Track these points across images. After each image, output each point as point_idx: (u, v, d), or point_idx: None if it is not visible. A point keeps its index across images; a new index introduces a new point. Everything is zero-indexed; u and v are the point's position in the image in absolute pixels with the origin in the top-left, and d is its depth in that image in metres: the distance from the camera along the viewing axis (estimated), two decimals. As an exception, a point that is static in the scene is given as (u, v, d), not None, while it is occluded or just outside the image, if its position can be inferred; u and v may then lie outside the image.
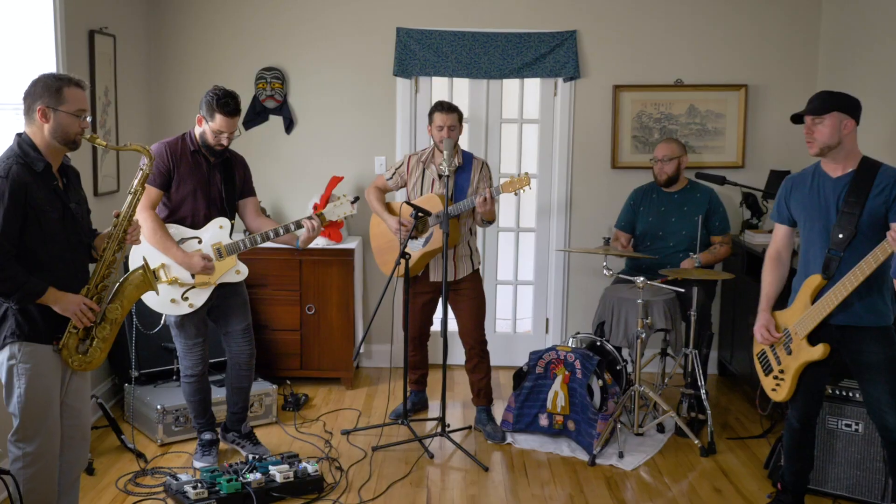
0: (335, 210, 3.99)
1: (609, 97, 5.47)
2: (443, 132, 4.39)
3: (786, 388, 3.44)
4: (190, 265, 3.78)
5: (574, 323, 5.65)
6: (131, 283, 3.15)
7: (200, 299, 3.85)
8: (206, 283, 3.84)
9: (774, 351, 3.50)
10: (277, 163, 5.54)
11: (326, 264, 5.13)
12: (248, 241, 3.87)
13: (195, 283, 3.82)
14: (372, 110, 5.50)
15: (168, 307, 3.83)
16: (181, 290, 3.82)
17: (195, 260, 3.77)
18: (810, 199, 3.39)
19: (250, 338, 4.05)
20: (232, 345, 4.03)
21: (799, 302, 3.41)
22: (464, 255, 4.54)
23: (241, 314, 4.01)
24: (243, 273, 3.92)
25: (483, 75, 5.41)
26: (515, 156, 5.63)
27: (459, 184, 4.47)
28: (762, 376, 3.58)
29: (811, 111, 3.33)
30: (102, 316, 3.06)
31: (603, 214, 5.49)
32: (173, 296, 3.81)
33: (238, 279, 3.92)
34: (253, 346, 4.07)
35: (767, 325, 3.49)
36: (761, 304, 3.57)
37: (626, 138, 5.51)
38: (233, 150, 4.02)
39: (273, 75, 5.40)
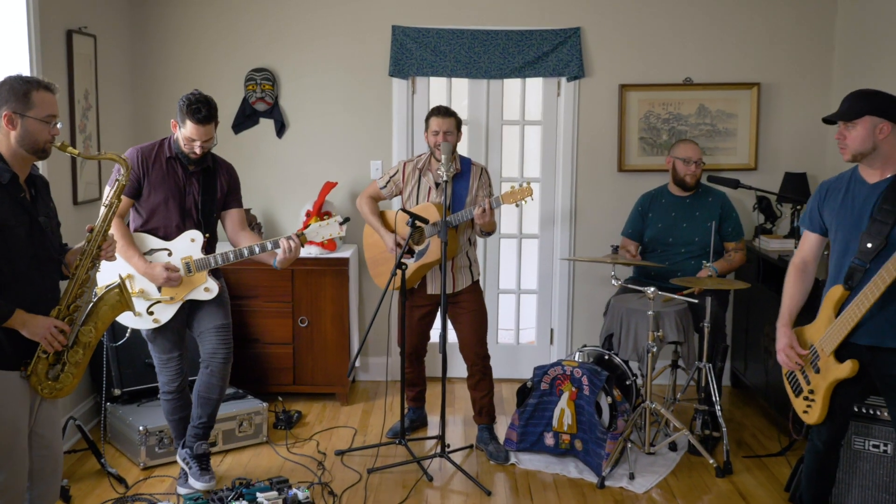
0: (319, 231, 3.72)
1: (615, 97, 5.23)
2: (438, 137, 4.15)
3: (818, 410, 3.18)
4: (152, 276, 3.54)
5: (580, 333, 5.41)
6: (106, 304, 2.91)
7: (166, 315, 3.61)
8: (174, 298, 3.60)
9: (803, 370, 3.25)
10: (268, 168, 5.30)
11: (320, 274, 4.89)
12: (221, 257, 3.62)
13: (161, 298, 3.58)
14: (367, 112, 5.26)
15: (132, 320, 3.59)
16: (146, 303, 3.58)
17: (157, 271, 3.53)
18: (844, 206, 3.13)
19: (227, 339, 3.70)
20: (205, 344, 3.70)
21: (823, 315, 3.16)
22: (462, 266, 4.30)
23: (217, 312, 3.69)
24: (213, 291, 3.64)
25: (483, 75, 5.17)
26: (517, 159, 5.39)
27: (457, 192, 4.23)
28: (792, 398, 3.33)
29: (842, 115, 3.07)
30: (75, 339, 2.81)
31: (609, 220, 5.25)
32: (138, 308, 3.57)
33: (207, 297, 3.65)
34: (230, 350, 3.72)
35: (791, 343, 3.23)
36: (781, 318, 3.30)
37: (633, 140, 5.27)
38: (219, 157, 3.78)
39: (263, 76, 5.17)
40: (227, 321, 3.72)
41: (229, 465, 4.16)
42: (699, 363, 4.26)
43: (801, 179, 4.99)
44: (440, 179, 3.97)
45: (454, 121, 4.20)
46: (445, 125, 4.16)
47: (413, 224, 4.02)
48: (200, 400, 3.73)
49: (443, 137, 4.14)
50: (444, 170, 3.99)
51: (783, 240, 4.88)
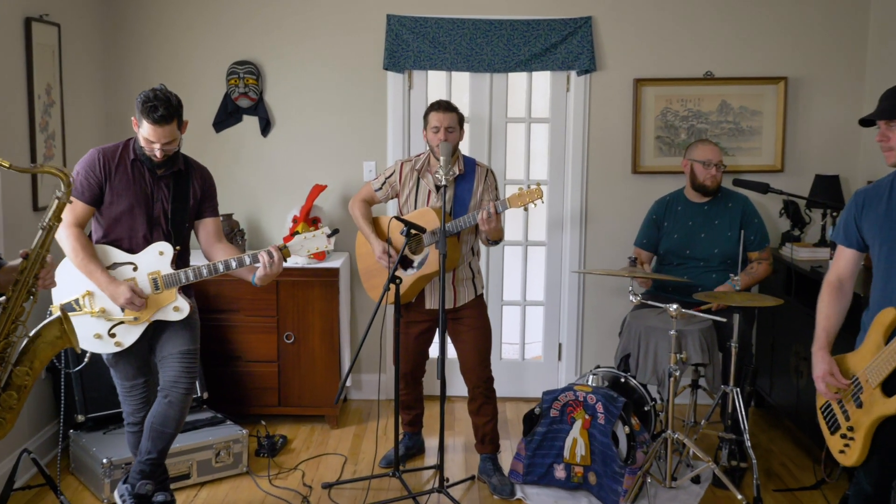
0: (304, 244, 3.30)
1: (629, 92, 4.80)
2: (439, 135, 3.74)
3: (857, 450, 2.77)
4: (114, 294, 3.12)
5: (590, 349, 4.99)
6: (45, 341, 2.53)
7: (130, 337, 3.20)
8: (139, 318, 3.18)
9: (842, 404, 2.84)
10: (252, 170, 4.88)
11: (307, 286, 4.47)
12: (193, 273, 3.20)
13: (124, 319, 3.17)
14: (360, 109, 4.84)
15: (91, 343, 3.18)
16: (108, 324, 3.17)
17: (121, 290, 3.11)
18: (889, 217, 2.74)
19: (191, 367, 3.27)
20: (167, 370, 3.26)
21: (870, 342, 2.75)
22: (465, 278, 3.89)
23: (184, 335, 3.28)
24: (183, 311, 3.23)
25: (486, 68, 4.75)
26: (523, 160, 4.97)
27: (460, 195, 3.82)
28: (827, 435, 2.92)
29: (884, 114, 2.67)
30: (7, 381, 2.40)
31: (623, 226, 4.83)
32: (98, 330, 3.16)
33: (177, 317, 3.23)
34: (193, 380, 3.29)
35: (830, 369, 2.83)
36: (818, 341, 2.90)
37: (649, 139, 4.85)
38: (193, 160, 3.37)
39: (246, 70, 4.75)
40: (193, 346, 3.30)
41: (205, 499, 3.75)
42: (725, 387, 3.84)
43: (832, 182, 4.57)
44: (439, 183, 3.55)
45: (456, 116, 3.78)
46: (447, 121, 3.74)
47: (408, 233, 3.60)
48: (153, 433, 3.27)
49: (444, 135, 3.73)
50: (442, 173, 3.57)
51: (814, 248, 4.46)
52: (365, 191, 4.01)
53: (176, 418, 3.25)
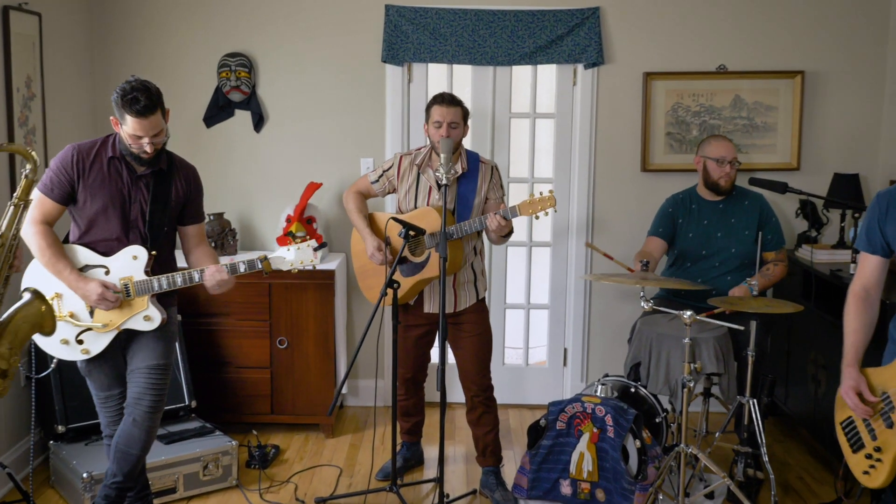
0: (287, 257, 3.09)
1: (639, 87, 4.59)
2: (441, 130, 3.53)
3: (884, 473, 2.58)
4: (85, 292, 2.91)
5: (596, 354, 4.79)
6: (26, 320, 2.36)
7: (98, 345, 2.99)
8: (107, 325, 2.98)
9: (868, 422, 2.64)
10: (244, 167, 4.68)
11: (301, 288, 4.27)
12: (167, 281, 3.00)
13: (92, 325, 2.97)
14: (357, 104, 4.63)
15: (58, 348, 2.98)
16: (75, 329, 2.97)
17: (91, 286, 2.90)
18: None
19: (159, 383, 3.03)
20: (133, 386, 3.03)
21: (903, 356, 2.56)
22: (466, 280, 3.68)
23: (156, 348, 3.05)
24: (154, 321, 3.01)
25: (488, 61, 4.53)
26: (527, 157, 4.76)
27: (463, 194, 3.61)
28: (848, 453, 2.72)
29: None
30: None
31: (632, 226, 4.63)
32: (65, 335, 2.96)
33: (147, 327, 3.02)
34: (160, 397, 3.03)
35: (857, 385, 2.65)
36: (846, 357, 2.73)
37: (659, 136, 4.63)
38: (178, 157, 3.15)
39: (238, 62, 4.54)
40: (164, 361, 3.07)
41: (191, 515, 3.56)
42: (741, 398, 3.63)
43: (852, 181, 4.36)
44: (440, 182, 3.35)
45: (461, 111, 3.57)
46: (450, 115, 3.53)
47: (406, 235, 3.39)
48: (118, 454, 3.04)
49: (446, 131, 3.52)
50: (442, 171, 3.36)
51: (832, 250, 4.26)
52: (361, 183, 3.80)
53: (142, 439, 3.02)
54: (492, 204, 3.65)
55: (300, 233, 4.33)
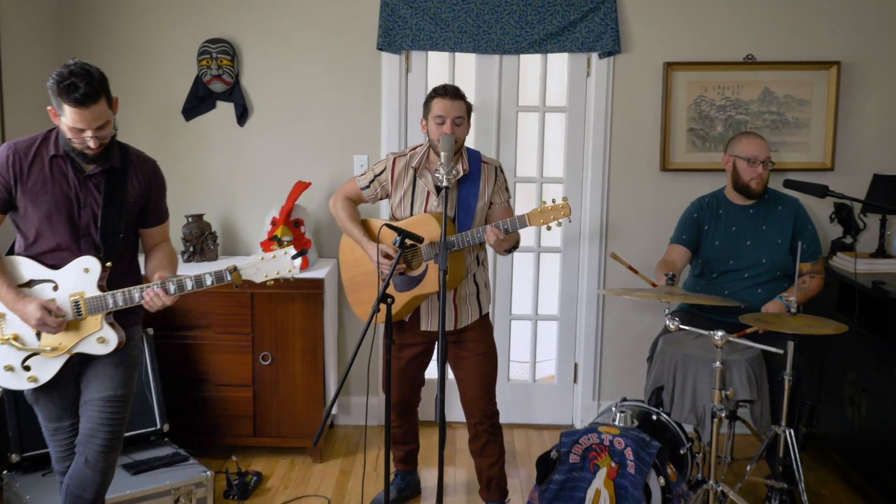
0: (262, 267, 2.69)
1: (659, 78, 4.19)
2: (444, 127, 3.13)
3: None
4: (23, 314, 2.53)
5: (610, 370, 4.40)
6: None
7: (47, 372, 2.61)
8: (57, 349, 2.59)
9: None
10: (227, 163, 4.28)
11: (287, 299, 3.88)
12: (123, 297, 2.60)
13: (40, 349, 2.58)
14: (350, 95, 4.23)
15: (2, 376, 2.60)
16: (21, 354, 2.59)
17: (30, 308, 2.51)
18: None
19: (115, 417, 2.65)
20: (85, 420, 2.66)
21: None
22: (468, 294, 3.29)
23: (112, 376, 2.67)
24: (109, 344, 2.62)
25: (494, 49, 4.13)
26: (536, 155, 4.36)
27: (464, 199, 3.21)
28: None
29: None
30: None
31: (649, 230, 4.24)
32: (10, 361, 2.58)
33: (102, 351, 2.63)
34: (114, 435, 2.65)
35: None
36: None
37: (681, 132, 4.23)
38: (136, 151, 2.74)
39: (220, 49, 4.13)
40: (123, 392, 2.67)
41: (159, 555, 3.17)
42: (776, 427, 3.24)
43: (893, 183, 3.96)
44: (440, 184, 2.95)
45: (465, 106, 3.18)
46: (454, 110, 3.13)
47: (402, 244, 2.99)
48: (69, 497, 2.66)
49: (450, 127, 3.12)
50: (443, 172, 2.96)
51: (872, 259, 3.87)
52: (349, 187, 3.40)
53: (96, 482, 2.64)
54: (497, 209, 3.25)
55: (286, 237, 3.94)
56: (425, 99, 3.23)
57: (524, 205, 4.40)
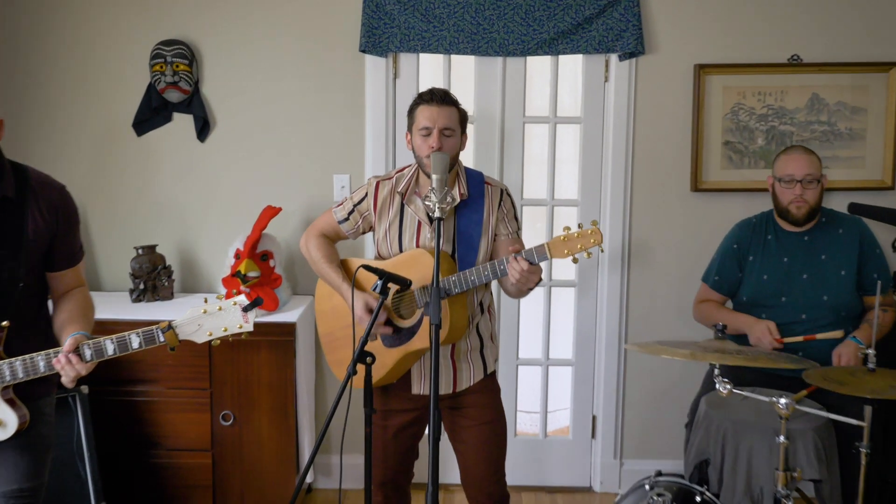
0: (205, 323, 2.11)
1: (689, 83, 3.59)
2: (431, 140, 2.52)
3: None
4: None
5: (636, 423, 3.77)
6: None
7: None
8: None
9: None
10: (185, 185, 3.67)
11: (252, 348, 3.26)
12: (23, 368, 2.01)
13: None
14: (329, 105, 3.63)
15: None
16: None
17: None
18: None
19: None
20: None
21: None
22: (470, 349, 2.67)
23: (16, 465, 2.11)
24: (9, 426, 2.04)
25: (497, 51, 3.53)
26: (545, 173, 3.75)
27: (464, 229, 2.60)
28: None
29: None
30: None
31: (679, 261, 3.65)
32: None
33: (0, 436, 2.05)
34: None
35: None
36: None
37: (715, 146, 3.63)
38: (36, 175, 2.14)
39: (175, 52, 3.53)
40: (31, 484, 2.10)
41: None
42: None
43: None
44: (432, 213, 2.34)
45: (456, 113, 2.57)
46: (442, 118, 2.53)
47: (384, 289, 2.38)
48: None
49: (437, 140, 2.51)
50: (434, 199, 2.35)
51: (945, 296, 3.25)
52: (324, 221, 2.79)
53: None
54: (503, 242, 2.64)
55: (252, 272, 3.32)
56: (409, 107, 2.62)
57: (533, 232, 3.79)
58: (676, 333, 3.66)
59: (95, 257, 3.70)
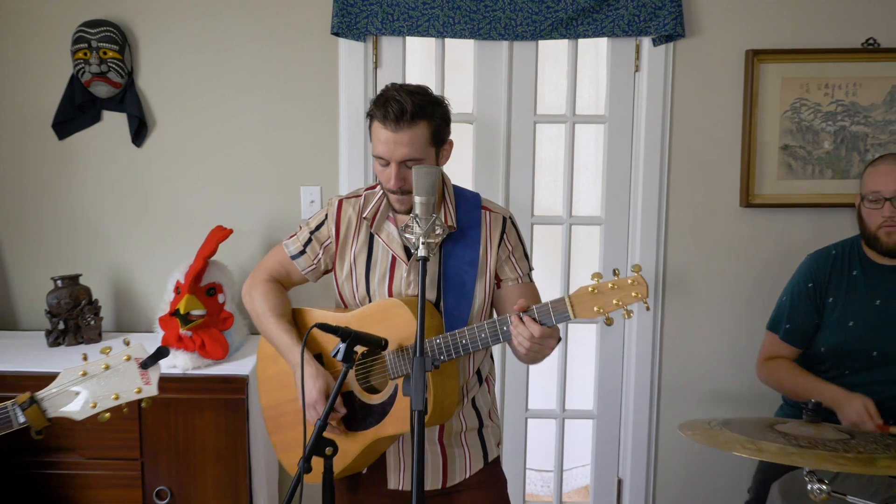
0: (85, 391, 1.62)
1: (739, 73, 2.92)
2: (391, 170, 1.84)
3: None
4: None
5: (670, 490, 3.10)
6: None
7: None
8: None
9: None
10: (117, 200, 2.99)
11: (192, 407, 2.58)
12: None
13: None
14: (294, 101, 2.95)
15: None
16: None
17: None
18: None
19: None
20: None
21: None
22: (464, 429, 2.00)
23: None
24: None
25: (501, 34, 2.85)
26: (560, 185, 3.06)
27: (453, 272, 1.92)
28: None
29: None
30: None
31: (728, 296, 2.98)
32: None
33: None
34: None
35: None
36: None
37: (771, 150, 2.95)
38: None
39: (103, 35, 2.84)
40: None
41: None
42: None
43: None
44: (414, 250, 1.67)
45: (424, 131, 1.84)
46: (401, 148, 1.83)
47: (347, 353, 1.72)
48: None
49: (396, 177, 1.85)
50: (418, 230, 1.68)
51: None
52: (274, 260, 2.11)
53: None
54: (510, 290, 1.96)
55: (195, 310, 2.65)
56: (367, 111, 1.92)
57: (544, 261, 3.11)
58: (726, 384, 3.00)
59: (9, 289, 3.02)
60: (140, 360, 1.66)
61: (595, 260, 3.04)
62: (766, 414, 2.92)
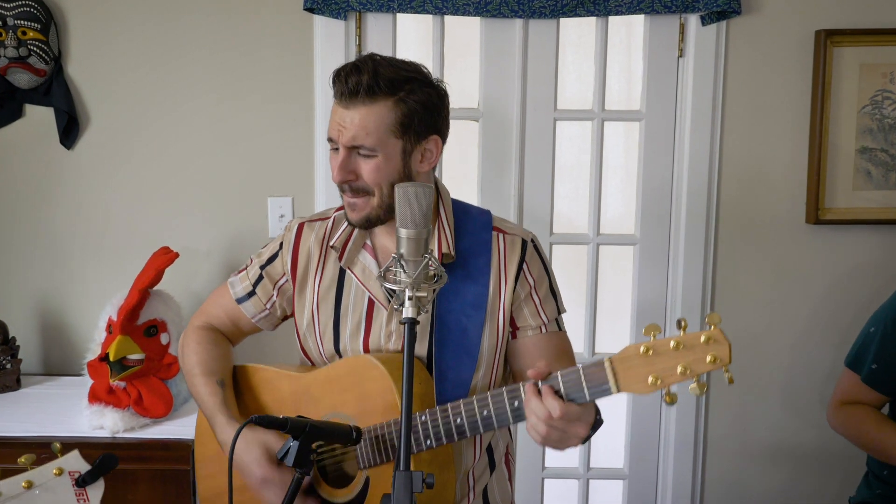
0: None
1: (807, 58, 2.40)
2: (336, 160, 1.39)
3: None
4: None
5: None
6: None
7: None
8: None
9: None
10: (44, 213, 2.46)
11: (123, 480, 2.05)
12: None
13: None
14: (260, 91, 2.43)
15: None
16: None
17: None
18: None
19: None
20: None
21: None
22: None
23: None
24: None
25: (514, 10, 2.32)
26: (586, 195, 2.53)
27: (450, 317, 1.40)
28: None
29: None
30: None
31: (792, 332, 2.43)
32: None
33: None
34: None
35: None
36: None
37: (846, 154, 2.42)
38: None
39: (20, 11, 2.32)
40: None
41: None
42: None
43: None
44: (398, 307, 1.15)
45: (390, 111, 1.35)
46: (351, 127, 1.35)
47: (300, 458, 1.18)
48: None
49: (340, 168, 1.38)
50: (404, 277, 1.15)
51: None
52: (215, 303, 1.62)
53: None
54: (529, 342, 1.44)
55: (132, 355, 2.12)
56: None
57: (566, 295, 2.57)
58: (788, 438, 2.46)
59: (-88, 321, 2.49)
60: (76, 474, 1.19)
61: (627, 289, 2.50)
62: (841, 476, 2.40)
